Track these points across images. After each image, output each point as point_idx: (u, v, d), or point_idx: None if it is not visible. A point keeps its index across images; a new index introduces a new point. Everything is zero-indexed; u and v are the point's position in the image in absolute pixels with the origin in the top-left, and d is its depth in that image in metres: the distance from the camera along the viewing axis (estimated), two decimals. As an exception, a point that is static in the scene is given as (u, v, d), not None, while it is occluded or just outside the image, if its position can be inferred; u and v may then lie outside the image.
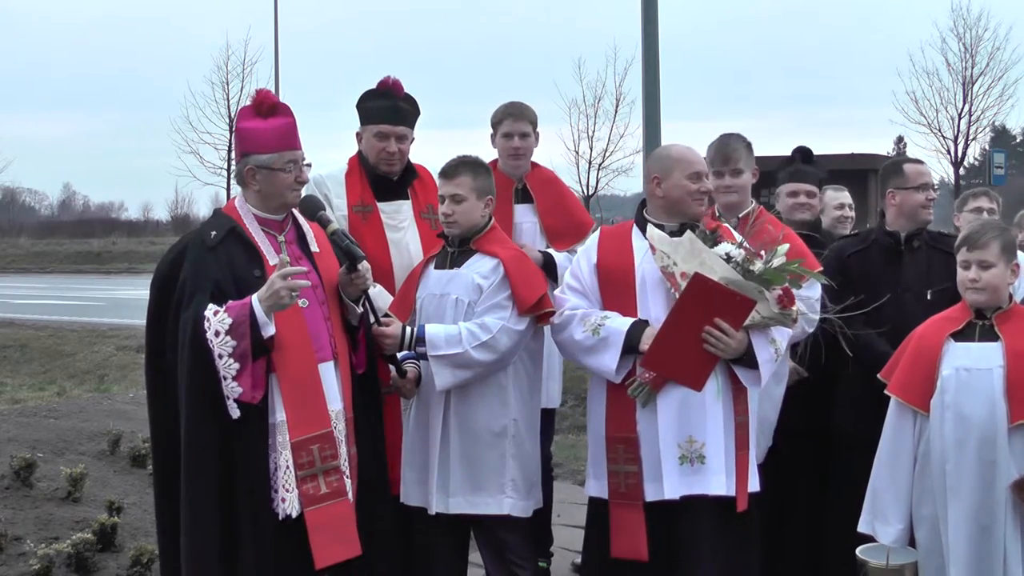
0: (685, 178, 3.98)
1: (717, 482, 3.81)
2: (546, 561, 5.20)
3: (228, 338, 3.48)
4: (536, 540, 5.09)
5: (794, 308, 3.85)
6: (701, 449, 3.81)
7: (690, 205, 3.99)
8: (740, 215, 4.49)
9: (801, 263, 3.94)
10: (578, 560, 5.25)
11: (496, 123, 5.10)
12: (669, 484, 3.81)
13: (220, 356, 3.49)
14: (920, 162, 4.82)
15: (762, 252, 3.87)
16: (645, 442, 3.86)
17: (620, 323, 3.90)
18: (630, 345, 3.86)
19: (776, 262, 3.84)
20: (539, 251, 4.93)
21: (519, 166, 5.09)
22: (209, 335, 3.50)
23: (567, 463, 7.35)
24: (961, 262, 3.84)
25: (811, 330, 4.25)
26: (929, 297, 4.41)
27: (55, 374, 13.62)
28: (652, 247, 3.92)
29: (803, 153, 5.11)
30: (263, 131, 3.72)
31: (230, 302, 3.55)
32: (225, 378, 3.50)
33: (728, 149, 4.57)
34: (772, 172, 5.33)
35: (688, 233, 3.89)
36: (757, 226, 4.05)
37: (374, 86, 4.60)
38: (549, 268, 4.82)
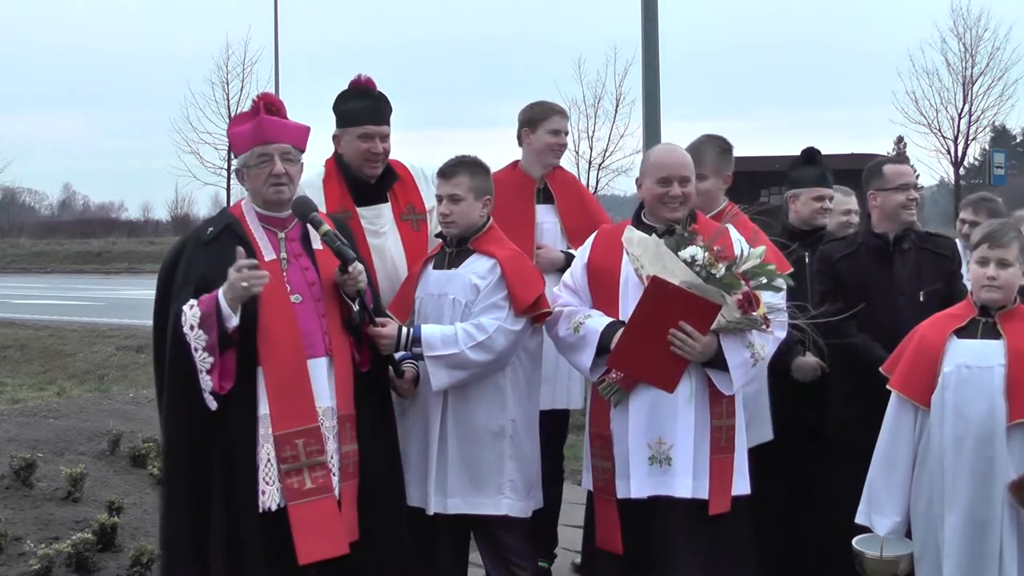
0: (655, 182, 4.00)
1: (682, 484, 3.81)
2: (547, 561, 5.20)
3: (201, 332, 3.54)
4: (541, 539, 5.10)
5: (759, 312, 3.82)
6: (669, 451, 3.82)
7: (660, 209, 4.01)
8: (709, 215, 4.49)
9: (774, 267, 3.93)
10: (578, 560, 5.27)
11: (541, 119, 5.07)
12: (636, 483, 3.84)
13: (196, 350, 3.54)
14: (901, 162, 4.80)
15: (739, 254, 3.87)
16: (617, 440, 3.91)
17: (598, 322, 3.94)
18: (604, 345, 3.89)
19: (747, 265, 3.84)
20: (561, 251, 4.95)
21: (553, 164, 5.12)
22: (185, 329, 3.55)
23: (567, 463, 7.33)
24: (979, 259, 3.84)
25: (782, 334, 4.23)
26: (922, 299, 4.40)
27: (55, 374, 13.60)
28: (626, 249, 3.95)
29: (816, 155, 5.09)
30: (240, 133, 3.80)
31: (202, 296, 3.59)
32: (200, 371, 3.55)
33: (696, 154, 4.43)
34: (774, 173, 5.32)
35: (653, 236, 3.92)
36: (729, 223, 4.06)
37: (347, 87, 4.48)
38: None
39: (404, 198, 4.56)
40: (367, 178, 4.47)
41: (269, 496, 3.60)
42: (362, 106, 4.41)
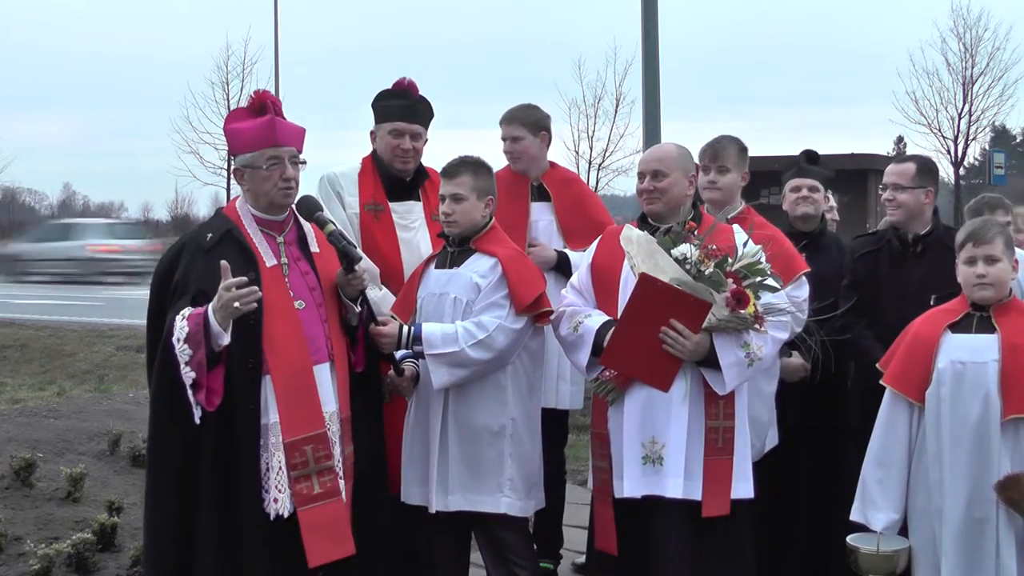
0: (637, 180, 4.09)
1: (673, 485, 3.78)
2: (553, 562, 5.19)
3: (186, 346, 3.47)
4: (546, 540, 5.10)
5: (748, 311, 3.78)
6: (661, 450, 3.81)
7: (641, 204, 4.11)
8: (730, 216, 4.50)
9: (770, 267, 3.88)
10: (579, 560, 5.27)
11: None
12: (630, 482, 3.83)
13: (181, 364, 3.48)
14: (891, 160, 4.83)
15: (734, 252, 3.86)
16: (614, 439, 3.90)
17: (595, 321, 3.95)
18: (598, 343, 3.90)
19: (740, 264, 3.82)
20: (555, 250, 4.95)
21: (518, 169, 5.10)
22: (173, 340, 3.50)
23: (567, 463, 7.33)
24: (966, 258, 3.84)
25: (799, 329, 4.22)
26: (932, 304, 4.37)
27: (55, 374, 13.57)
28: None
29: (808, 155, 5.15)
30: (245, 130, 3.72)
31: (190, 310, 3.53)
32: (183, 384, 3.50)
33: (718, 147, 4.63)
34: (774, 172, 5.33)
35: (646, 233, 3.94)
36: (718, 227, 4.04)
37: (390, 86, 4.64)
38: (564, 267, 4.84)
39: (435, 199, 4.58)
40: (400, 174, 4.62)
41: (281, 504, 3.59)
42: (397, 104, 4.61)
